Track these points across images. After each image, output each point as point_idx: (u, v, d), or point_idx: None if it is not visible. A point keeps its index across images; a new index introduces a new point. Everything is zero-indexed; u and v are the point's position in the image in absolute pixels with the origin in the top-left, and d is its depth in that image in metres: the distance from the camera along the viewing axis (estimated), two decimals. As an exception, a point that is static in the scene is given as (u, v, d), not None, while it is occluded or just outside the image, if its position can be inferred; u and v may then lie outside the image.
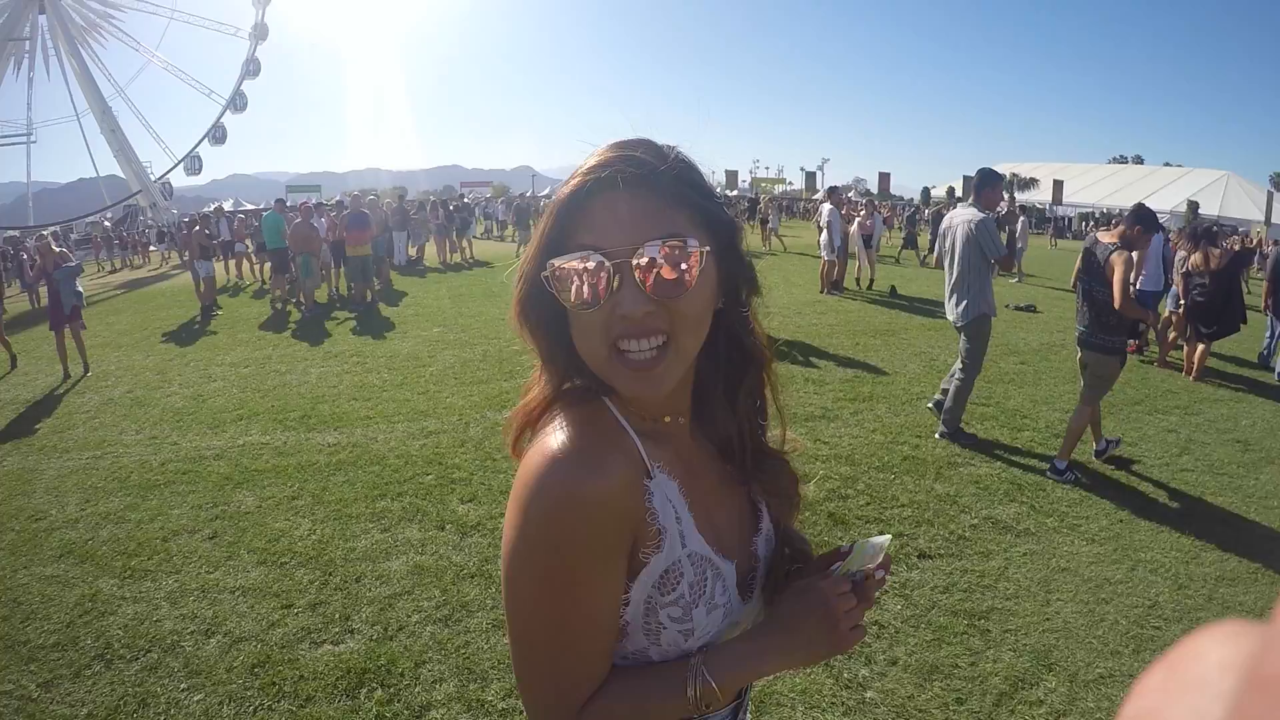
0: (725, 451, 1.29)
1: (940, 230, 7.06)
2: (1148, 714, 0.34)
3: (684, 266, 1.05)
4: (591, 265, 1.03)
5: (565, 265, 1.05)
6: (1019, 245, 21.00)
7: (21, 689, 3.94)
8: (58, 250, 11.87)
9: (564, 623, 1.07)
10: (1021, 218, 21.87)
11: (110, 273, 31.26)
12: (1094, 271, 6.03)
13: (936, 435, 6.94)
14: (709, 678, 1.13)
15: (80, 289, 11.54)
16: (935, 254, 7.28)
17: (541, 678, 1.11)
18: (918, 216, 25.37)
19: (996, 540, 5.07)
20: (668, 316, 1.06)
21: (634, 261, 1.03)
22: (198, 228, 17.63)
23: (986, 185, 6.78)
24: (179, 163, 57.17)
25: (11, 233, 40.43)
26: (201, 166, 58.11)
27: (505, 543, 1.06)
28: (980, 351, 6.78)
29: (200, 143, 57.04)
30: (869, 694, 3.60)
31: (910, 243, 24.50)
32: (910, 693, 3.60)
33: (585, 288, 1.04)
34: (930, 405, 7.45)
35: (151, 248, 38.16)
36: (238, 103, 57.05)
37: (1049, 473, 6.18)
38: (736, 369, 1.26)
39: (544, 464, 1.04)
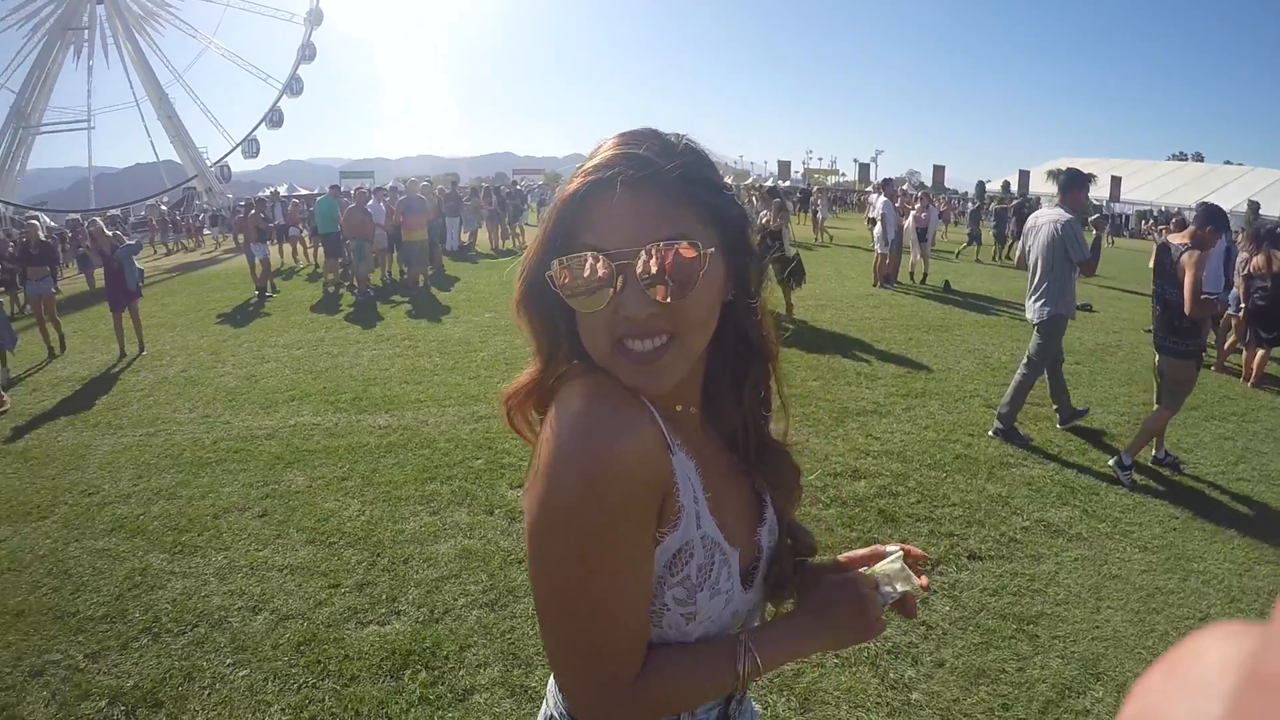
0: (731, 443, 1.30)
1: (1025, 229, 6.98)
2: (1148, 713, 0.35)
3: (689, 269, 1.04)
4: (595, 267, 1.03)
5: (568, 265, 1.04)
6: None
7: (69, 659, 4.02)
8: (110, 233, 12.10)
9: (612, 591, 1.05)
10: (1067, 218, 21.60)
11: (164, 255, 31.82)
12: (1166, 274, 5.93)
13: (990, 433, 6.85)
14: (757, 655, 1.15)
15: (140, 267, 11.79)
16: (1019, 253, 7.21)
17: (589, 654, 1.08)
18: (982, 212, 24.55)
19: (1048, 544, 4.99)
20: (672, 317, 1.05)
21: (638, 263, 1.02)
22: (253, 212, 17.85)
23: (1074, 186, 6.71)
24: (237, 146, 58.00)
25: (72, 216, 41.25)
26: (259, 150, 58.86)
27: (539, 511, 1.03)
28: (1049, 350, 6.71)
29: (258, 126, 57.82)
30: (914, 695, 3.56)
31: (975, 239, 23.56)
32: (956, 696, 3.55)
33: (588, 289, 1.04)
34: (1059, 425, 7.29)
35: (205, 231, 38.75)
36: (294, 87, 57.67)
37: (1112, 462, 6.12)
38: (743, 361, 1.25)
39: (580, 423, 1.03)
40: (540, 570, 1.06)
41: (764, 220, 12.13)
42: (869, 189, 39.50)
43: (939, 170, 67.14)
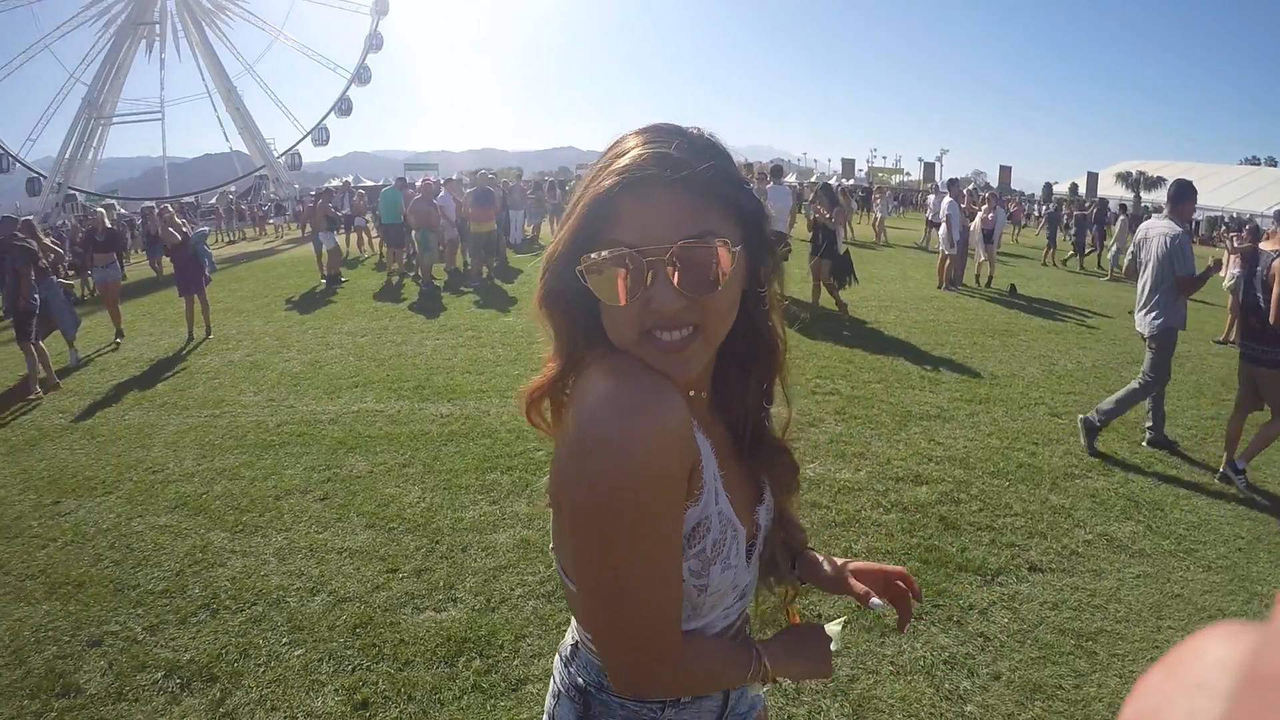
0: (732, 428, 1.34)
1: (1136, 240, 6.88)
2: (1148, 713, 0.34)
3: (717, 264, 1.08)
4: (626, 262, 1.06)
5: (599, 260, 1.07)
6: (1119, 245, 20.16)
7: (128, 630, 4.12)
8: (181, 222, 12.40)
9: (662, 561, 1.09)
10: (1122, 216, 20.97)
11: (227, 244, 32.31)
12: (1257, 282, 5.83)
13: (1079, 418, 6.82)
14: (766, 664, 1.30)
15: (211, 254, 12.13)
16: (1126, 263, 7.13)
17: (643, 626, 1.11)
18: (1060, 217, 23.52)
19: (1110, 559, 4.88)
20: (699, 310, 1.09)
21: (667, 259, 1.06)
22: (321, 201, 18.11)
23: (1184, 198, 6.64)
24: (308, 134, 58.81)
25: (148, 203, 42.16)
26: (329, 137, 59.64)
27: (591, 491, 1.05)
28: (1164, 363, 6.60)
29: (328, 115, 58.52)
30: (969, 708, 3.51)
31: (1054, 243, 22.65)
32: (1011, 710, 3.49)
33: (619, 283, 1.07)
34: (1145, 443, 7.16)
35: (270, 221, 39.39)
36: (362, 76, 58.32)
37: (1225, 467, 6.08)
38: (751, 352, 1.29)
39: (619, 400, 1.06)
40: (595, 549, 1.08)
41: (817, 216, 12.03)
42: (929, 188, 38.86)
43: (1005, 171, 66.11)
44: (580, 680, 1.35)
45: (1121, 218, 20.62)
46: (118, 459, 6.54)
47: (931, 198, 27.09)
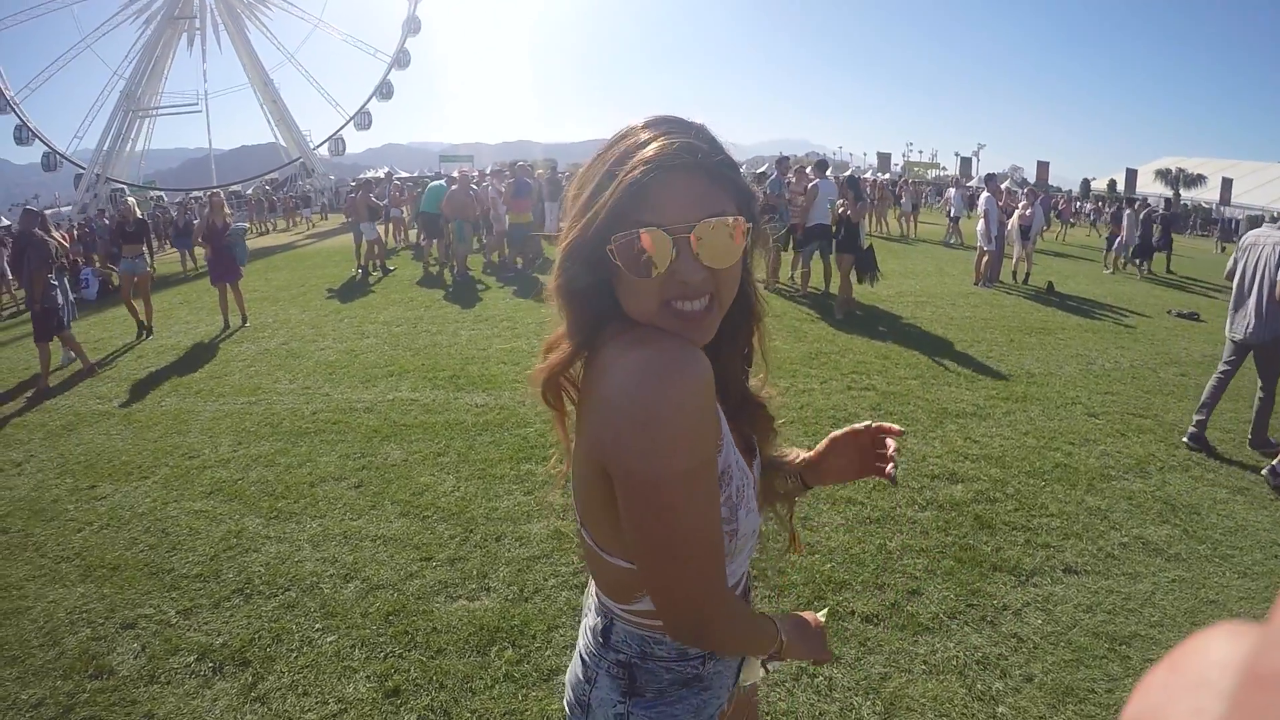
0: (723, 390, 1.38)
1: (1242, 245, 6.84)
2: (1150, 712, 0.34)
3: (733, 239, 1.22)
4: (657, 239, 1.18)
5: (632, 239, 1.18)
6: (1126, 239, 19.79)
7: (161, 614, 4.17)
8: (228, 212, 12.43)
9: (713, 508, 1.22)
10: (1129, 210, 20.65)
11: (259, 235, 32.49)
12: None
13: (1266, 473, 6.36)
14: (784, 640, 1.47)
15: (243, 252, 12.15)
16: (1228, 268, 7.11)
17: (704, 572, 1.22)
18: (1121, 215, 22.27)
19: (1146, 563, 4.82)
20: (715, 280, 1.22)
21: (691, 236, 1.18)
22: (363, 192, 18.24)
23: None
24: (351, 119, 59.15)
25: (195, 193, 42.61)
26: (371, 122, 59.91)
27: (642, 450, 1.13)
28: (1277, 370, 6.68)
29: (370, 99, 58.82)
30: (1001, 709, 3.48)
31: (1140, 250, 20.45)
32: (1043, 713, 3.45)
33: (649, 258, 1.18)
34: (1185, 439, 7.07)
35: (308, 210, 39.61)
36: (402, 60, 58.55)
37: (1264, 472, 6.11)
38: (738, 319, 1.39)
39: (660, 362, 1.16)
40: (657, 508, 1.16)
41: (842, 210, 11.93)
42: (950, 181, 38.20)
43: (1043, 166, 65.37)
44: (622, 655, 1.42)
45: (1128, 212, 20.38)
46: (154, 444, 6.63)
47: (950, 191, 26.80)
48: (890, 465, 1.63)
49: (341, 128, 59.29)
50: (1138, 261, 19.47)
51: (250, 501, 5.48)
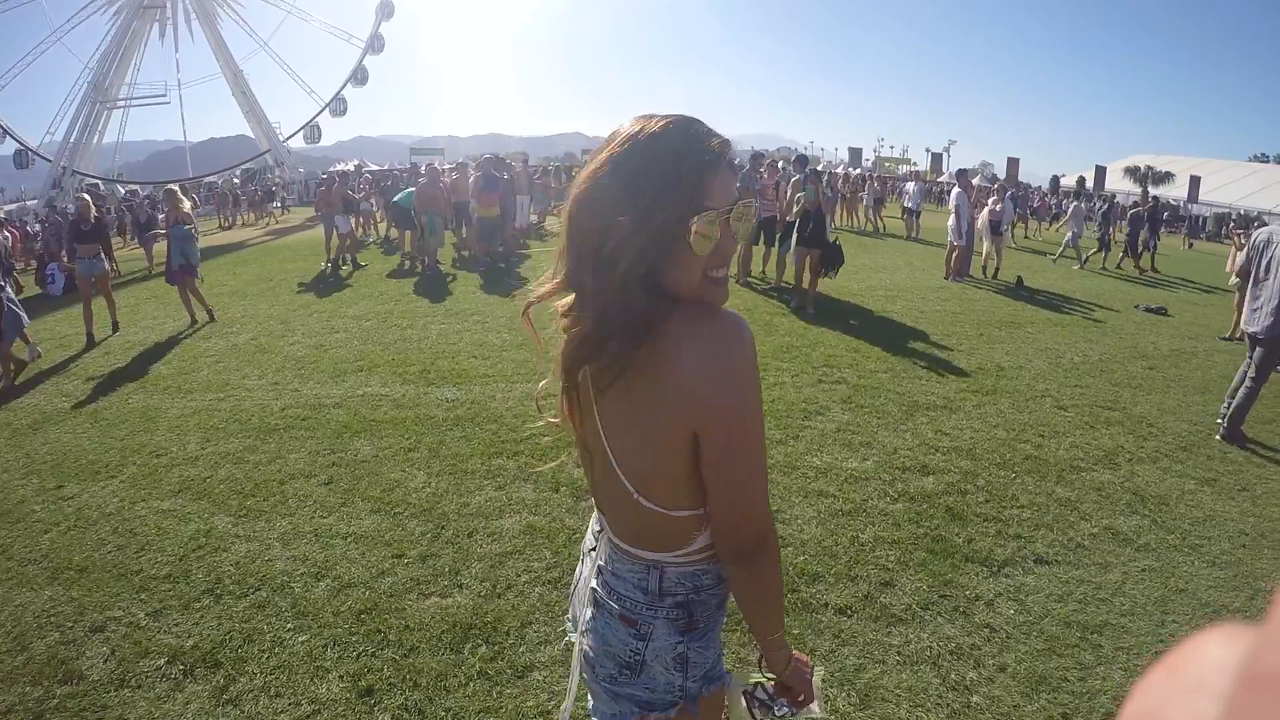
0: None
1: (1256, 243, 6.93)
2: (1149, 714, 0.34)
3: (749, 217, 1.53)
4: (717, 221, 1.44)
5: (708, 221, 1.43)
6: (1073, 229, 20.05)
7: (131, 616, 4.11)
8: (185, 207, 11.89)
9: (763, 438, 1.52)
10: (1075, 203, 20.96)
11: (222, 230, 31.78)
12: None
13: (1218, 436, 6.95)
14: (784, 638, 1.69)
15: (192, 251, 11.49)
16: (1239, 264, 7.23)
17: (767, 487, 1.55)
18: (1113, 215, 21.82)
19: (1116, 553, 4.87)
20: (732, 252, 1.54)
21: (729, 217, 1.46)
22: (336, 185, 18.09)
23: None
24: (327, 105, 58.53)
25: (171, 187, 42.26)
26: (346, 108, 59.31)
27: (738, 395, 1.44)
28: (1275, 362, 6.77)
29: (345, 84, 58.27)
30: (975, 698, 3.51)
31: (1106, 245, 20.54)
32: (1016, 702, 3.49)
33: (713, 237, 1.44)
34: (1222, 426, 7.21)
35: (271, 205, 39.14)
36: (376, 44, 58.05)
37: None
38: None
39: (731, 325, 1.45)
40: (749, 445, 1.47)
41: (800, 202, 11.84)
42: (908, 175, 38.04)
43: (1013, 163, 65.72)
44: (679, 596, 1.62)
45: (1075, 204, 20.94)
46: (121, 443, 6.54)
47: (909, 185, 26.87)
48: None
49: (318, 114, 58.74)
50: (1133, 255, 19.66)
51: (219, 500, 5.42)
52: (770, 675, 1.72)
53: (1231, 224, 38.93)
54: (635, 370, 1.44)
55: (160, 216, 17.44)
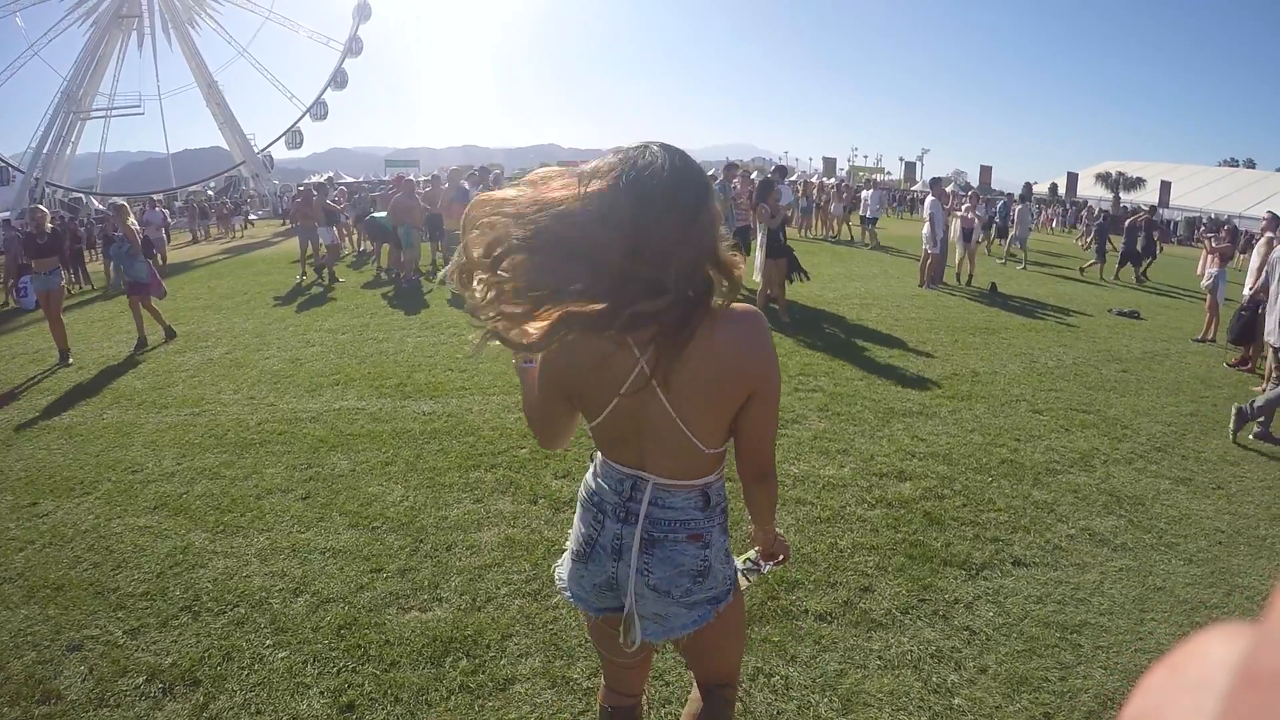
0: None
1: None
2: (1150, 712, 0.35)
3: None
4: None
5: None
6: (1017, 231, 20.28)
7: (108, 634, 4.06)
8: (130, 223, 11.20)
9: None
10: (1020, 205, 21.24)
11: (191, 243, 31.40)
12: None
13: (1234, 406, 7.15)
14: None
15: (139, 268, 10.95)
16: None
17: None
18: (1107, 226, 21.51)
19: (1093, 553, 4.91)
20: None
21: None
22: (319, 196, 17.94)
23: None
24: (309, 109, 57.98)
25: (120, 201, 41.92)
26: (327, 112, 58.77)
27: (775, 366, 1.96)
28: None
29: (326, 88, 57.87)
30: (956, 700, 3.52)
31: (1103, 255, 20.20)
32: (998, 703, 3.51)
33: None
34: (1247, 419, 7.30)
35: (236, 218, 38.63)
36: (354, 47, 57.66)
37: None
38: None
39: (760, 316, 1.98)
40: (777, 402, 2.01)
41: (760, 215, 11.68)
42: (865, 183, 37.57)
43: (986, 170, 66.06)
44: (722, 502, 2.13)
45: (1019, 207, 21.48)
46: (96, 459, 6.48)
47: (865, 193, 26.78)
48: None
49: (300, 118, 58.21)
50: (1135, 268, 19.66)
51: (196, 516, 5.37)
52: (756, 551, 2.38)
53: (1202, 228, 39.27)
54: (695, 347, 1.81)
55: (119, 233, 17.04)
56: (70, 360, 10.14)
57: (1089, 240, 25.74)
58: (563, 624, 4.02)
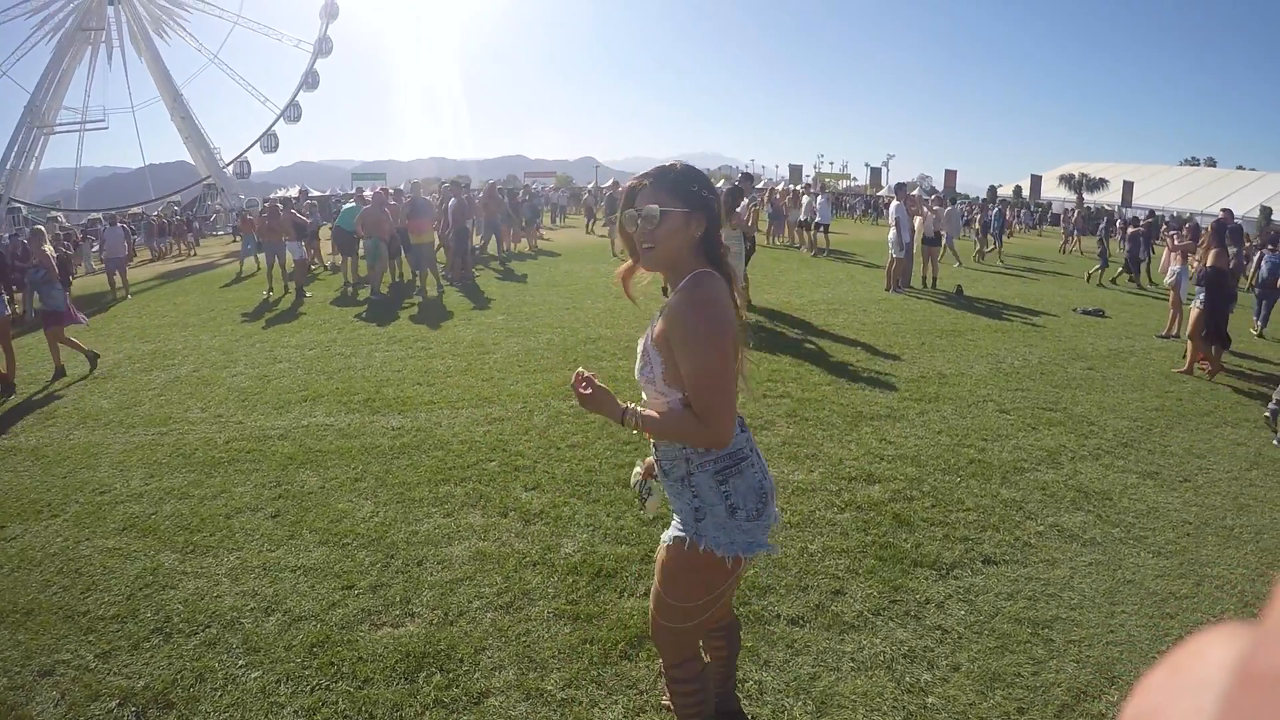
0: None
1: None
2: (1150, 712, 0.35)
3: None
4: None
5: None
6: (945, 232, 20.18)
7: (79, 659, 4.01)
8: (46, 249, 10.60)
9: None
10: (950, 207, 21.38)
11: (150, 260, 30.80)
12: None
13: (1265, 414, 7.46)
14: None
15: (56, 296, 10.29)
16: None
17: (728, 393, 2.35)
18: (1110, 231, 21.58)
19: (1062, 549, 4.97)
20: None
21: None
22: (288, 209, 17.78)
23: None
24: (282, 113, 57.48)
25: (94, 215, 41.44)
26: (301, 114, 58.32)
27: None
28: None
29: (299, 90, 57.41)
30: (930, 699, 3.55)
31: (1106, 261, 20.25)
32: (972, 700, 3.54)
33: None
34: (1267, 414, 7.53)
35: (191, 236, 37.95)
36: (324, 47, 57.25)
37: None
38: None
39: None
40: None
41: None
42: (805, 189, 36.99)
43: (950, 175, 66.51)
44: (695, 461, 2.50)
45: (950, 208, 21.45)
46: (63, 480, 6.40)
47: (805, 198, 26.45)
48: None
49: (275, 120, 57.74)
50: (1129, 276, 19.71)
51: (165, 536, 5.32)
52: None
53: (1165, 225, 39.69)
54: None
55: (34, 260, 16.25)
56: (9, 391, 9.54)
57: (1074, 244, 26.15)
58: (535, 636, 4.02)
